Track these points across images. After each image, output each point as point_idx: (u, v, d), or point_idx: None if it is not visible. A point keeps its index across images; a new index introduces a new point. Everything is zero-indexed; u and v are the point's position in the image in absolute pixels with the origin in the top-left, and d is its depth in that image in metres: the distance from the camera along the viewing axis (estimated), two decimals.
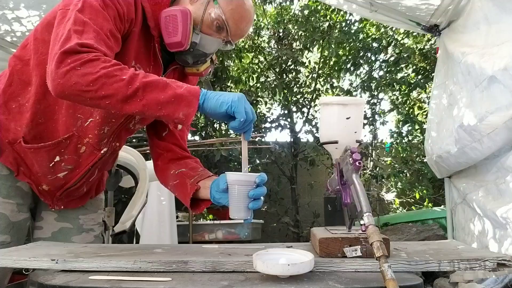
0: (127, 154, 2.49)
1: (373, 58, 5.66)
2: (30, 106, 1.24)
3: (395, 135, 5.89)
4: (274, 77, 5.78)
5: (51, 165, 1.29)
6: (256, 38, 5.83)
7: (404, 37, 5.68)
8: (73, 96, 1.03)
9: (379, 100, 5.73)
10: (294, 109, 5.86)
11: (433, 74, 3.43)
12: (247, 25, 1.27)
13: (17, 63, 1.26)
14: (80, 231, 1.47)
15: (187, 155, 1.41)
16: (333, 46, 5.35)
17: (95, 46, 1.03)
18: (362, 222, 0.82)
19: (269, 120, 5.84)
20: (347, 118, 1.20)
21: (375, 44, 5.49)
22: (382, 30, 5.59)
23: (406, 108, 5.80)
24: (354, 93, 5.65)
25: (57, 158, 1.28)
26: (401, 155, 5.79)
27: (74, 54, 1.00)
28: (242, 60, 5.86)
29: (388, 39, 5.55)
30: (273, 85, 5.60)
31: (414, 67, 5.68)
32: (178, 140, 1.42)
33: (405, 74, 5.68)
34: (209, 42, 1.26)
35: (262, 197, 1.11)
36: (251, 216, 1.11)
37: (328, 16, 5.59)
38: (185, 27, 1.19)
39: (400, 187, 5.66)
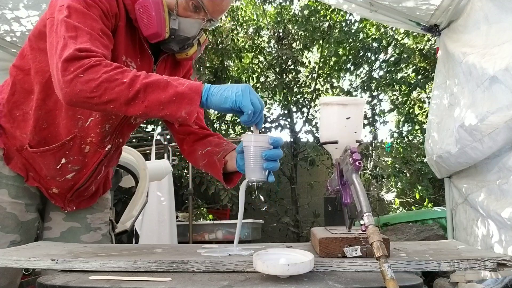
0: (127, 154, 2.49)
1: (373, 58, 5.66)
2: (32, 113, 1.25)
3: (395, 135, 5.89)
4: (274, 77, 5.78)
5: (58, 167, 1.30)
6: (256, 38, 5.83)
7: (404, 37, 5.68)
8: (81, 104, 1.04)
9: (379, 100, 5.74)
10: (294, 109, 5.87)
11: (433, 74, 3.43)
12: None
13: (18, 73, 1.27)
14: (88, 230, 1.48)
15: (208, 133, 1.40)
16: (333, 46, 5.35)
17: (92, 49, 1.04)
18: (362, 222, 0.82)
19: (269, 120, 5.84)
20: (347, 118, 1.19)
21: (375, 44, 5.49)
22: (382, 30, 5.59)
23: (406, 108, 5.81)
24: (354, 93, 5.65)
25: (63, 160, 1.29)
26: (401, 155, 5.79)
27: (76, 61, 1.01)
28: (242, 60, 5.86)
29: (388, 39, 5.55)
30: (273, 85, 5.60)
31: (414, 67, 5.69)
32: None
33: (405, 74, 5.68)
34: (189, 25, 1.23)
35: (278, 160, 1.08)
36: (271, 178, 1.09)
37: (328, 16, 5.59)
38: (159, 16, 1.17)
39: (400, 187, 5.66)
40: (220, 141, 1.35)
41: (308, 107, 5.78)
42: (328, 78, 5.93)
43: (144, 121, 1.46)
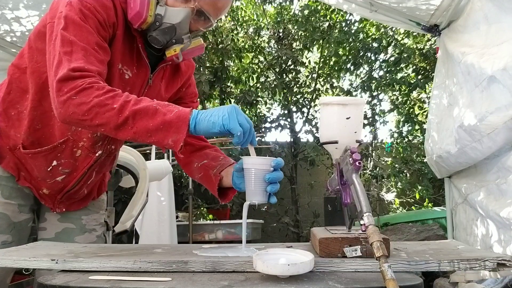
0: (127, 154, 2.48)
1: (373, 58, 5.66)
2: (27, 113, 1.26)
3: (395, 135, 5.89)
4: (274, 77, 5.78)
5: (49, 169, 1.30)
6: (256, 38, 5.83)
7: (404, 37, 5.68)
8: (74, 124, 1.09)
9: (379, 100, 5.74)
10: (294, 109, 5.87)
11: (433, 74, 3.43)
12: None
13: (15, 72, 1.28)
14: (83, 231, 1.48)
15: (205, 144, 1.40)
16: (333, 46, 5.35)
17: (86, 68, 1.05)
18: (362, 222, 0.82)
19: (269, 120, 5.84)
20: (347, 118, 1.19)
21: (375, 44, 5.49)
22: (382, 30, 5.59)
23: (406, 108, 5.81)
24: (354, 93, 5.65)
25: (54, 163, 1.29)
26: (401, 155, 5.79)
27: (69, 81, 1.03)
28: (242, 60, 5.87)
29: (388, 39, 5.55)
30: (273, 85, 5.60)
31: (414, 67, 5.69)
32: None
33: (405, 74, 5.68)
34: (175, 13, 1.20)
35: (278, 182, 1.09)
36: (273, 199, 1.10)
37: (328, 16, 5.59)
38: (143, 0, 1.15)
39: (400, 187, 5.67)
40: (216, 154, 1.35)
41: (308, 107, 5.78)
42: (328, 78, 5.93)
43: None
